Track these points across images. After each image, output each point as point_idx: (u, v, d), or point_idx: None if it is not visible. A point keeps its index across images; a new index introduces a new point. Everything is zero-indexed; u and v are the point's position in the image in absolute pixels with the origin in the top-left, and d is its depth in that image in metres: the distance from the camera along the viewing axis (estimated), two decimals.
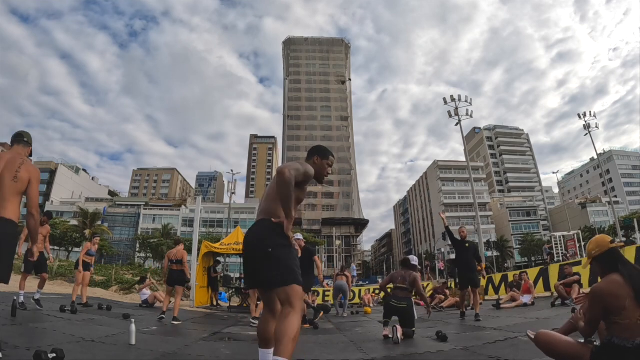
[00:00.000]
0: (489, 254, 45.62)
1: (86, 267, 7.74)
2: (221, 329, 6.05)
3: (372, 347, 4.24)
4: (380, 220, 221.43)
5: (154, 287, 11.48)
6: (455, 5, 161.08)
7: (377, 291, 14.53)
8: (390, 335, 4.44)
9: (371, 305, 12.60)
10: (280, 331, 1.88)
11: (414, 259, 5.41)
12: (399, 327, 4.47)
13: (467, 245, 6.94)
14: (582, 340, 2.29)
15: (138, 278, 13.34)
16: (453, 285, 11.91)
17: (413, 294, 5.11)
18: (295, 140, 75.91)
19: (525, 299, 8.44)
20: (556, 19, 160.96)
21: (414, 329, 4.80)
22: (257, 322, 6.35)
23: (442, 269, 34.47)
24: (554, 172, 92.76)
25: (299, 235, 7.12)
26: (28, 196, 2.65)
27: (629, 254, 8.02)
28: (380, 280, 29.53)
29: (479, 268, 7.02)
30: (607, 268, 2.15)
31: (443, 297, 10.70)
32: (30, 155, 3.01)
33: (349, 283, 10.50)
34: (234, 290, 12.73)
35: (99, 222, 50.31)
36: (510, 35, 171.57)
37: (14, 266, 2.94)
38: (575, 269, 8.27)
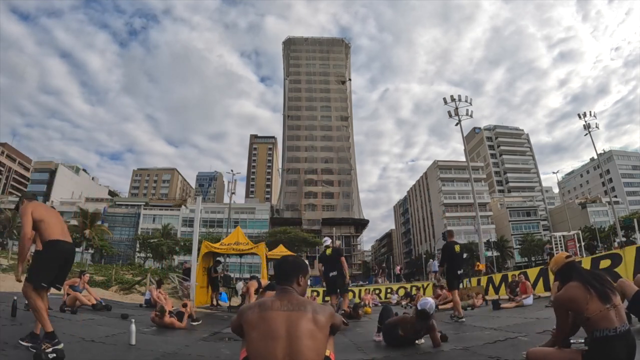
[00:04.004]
0: (489, 254, 45.55)
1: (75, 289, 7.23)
2: (221, 329, 6.05)
3: (372, 347, 4.24)
4: (380, 220, 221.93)
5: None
6: (457, 4, 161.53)
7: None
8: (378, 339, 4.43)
9: (371, 305, 12.58)
10: None
11: (430, 307, 3.87)
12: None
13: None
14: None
15: (138, 278, 13.31)
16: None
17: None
18: (295, 140, 75.92)
19: (527, 300, 8.44)
20: (558, 18, 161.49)
21: None
22: None
23: (399, 272, 33.19)
24: (554, 172, 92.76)
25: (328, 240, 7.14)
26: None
27: (629, 254, 8.01)
28: (380, 281, 29.21)
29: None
30: (566, 279, 2.54)
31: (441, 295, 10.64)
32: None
33: None
34: (234, 290, 12.72)
35: (99, 222, 50.29)
36: (512, 34, 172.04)
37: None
38: None
